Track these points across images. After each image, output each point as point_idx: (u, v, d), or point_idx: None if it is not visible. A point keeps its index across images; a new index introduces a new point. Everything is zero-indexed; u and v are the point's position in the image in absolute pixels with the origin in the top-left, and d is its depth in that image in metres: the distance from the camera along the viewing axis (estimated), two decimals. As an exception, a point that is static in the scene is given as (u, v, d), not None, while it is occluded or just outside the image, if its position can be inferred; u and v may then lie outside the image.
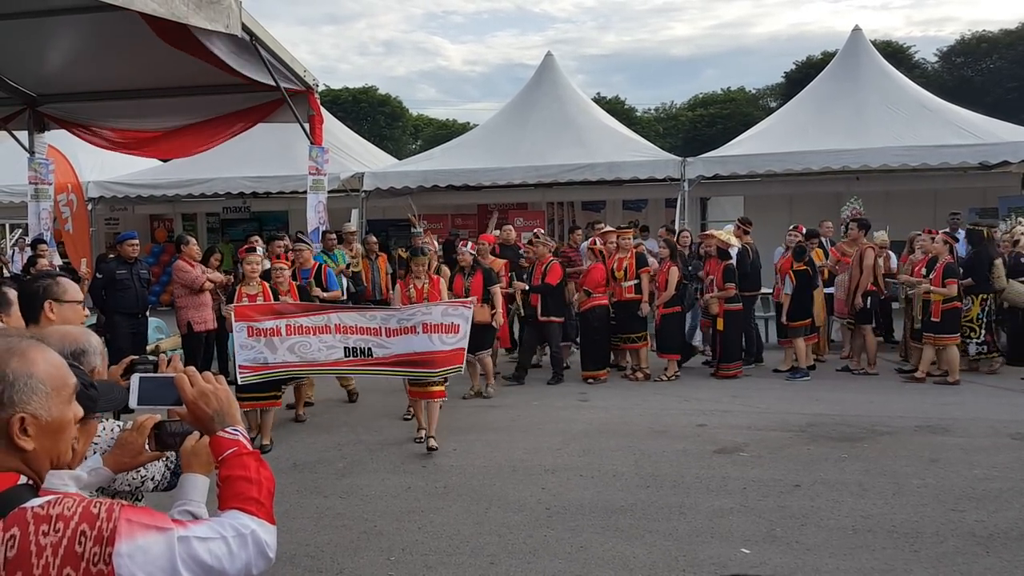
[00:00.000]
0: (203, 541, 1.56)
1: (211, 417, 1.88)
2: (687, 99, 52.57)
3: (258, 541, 1.67)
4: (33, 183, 11.82)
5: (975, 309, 10.04)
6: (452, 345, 7.12)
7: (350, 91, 48.66)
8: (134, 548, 1.45)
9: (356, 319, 7.24)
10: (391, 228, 17.48)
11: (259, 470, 1.81)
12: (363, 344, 7.19)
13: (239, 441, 1.85)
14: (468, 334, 7.20)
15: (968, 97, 25.72)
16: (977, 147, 12.73)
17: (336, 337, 7.18)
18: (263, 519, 1.72)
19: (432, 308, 7.28)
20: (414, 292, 7.78)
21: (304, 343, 7.15)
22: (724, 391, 9.48)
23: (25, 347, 1.55)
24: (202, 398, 1.89)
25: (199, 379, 1.92)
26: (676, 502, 5.84)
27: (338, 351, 7.19)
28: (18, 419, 1.50)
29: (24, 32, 9.10)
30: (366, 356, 7.19)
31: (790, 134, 14.10)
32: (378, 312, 7.40)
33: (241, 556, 1.62)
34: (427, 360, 7.10)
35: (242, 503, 1.72)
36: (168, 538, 1.51)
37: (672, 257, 10.42)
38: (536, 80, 16.70)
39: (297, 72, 9.90)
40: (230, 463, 1.81)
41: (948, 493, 5.89)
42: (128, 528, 1.46)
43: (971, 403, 8.66)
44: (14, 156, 12.44)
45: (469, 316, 7.23)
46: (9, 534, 1.39)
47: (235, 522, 1.66)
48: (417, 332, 7.11)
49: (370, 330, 7.19)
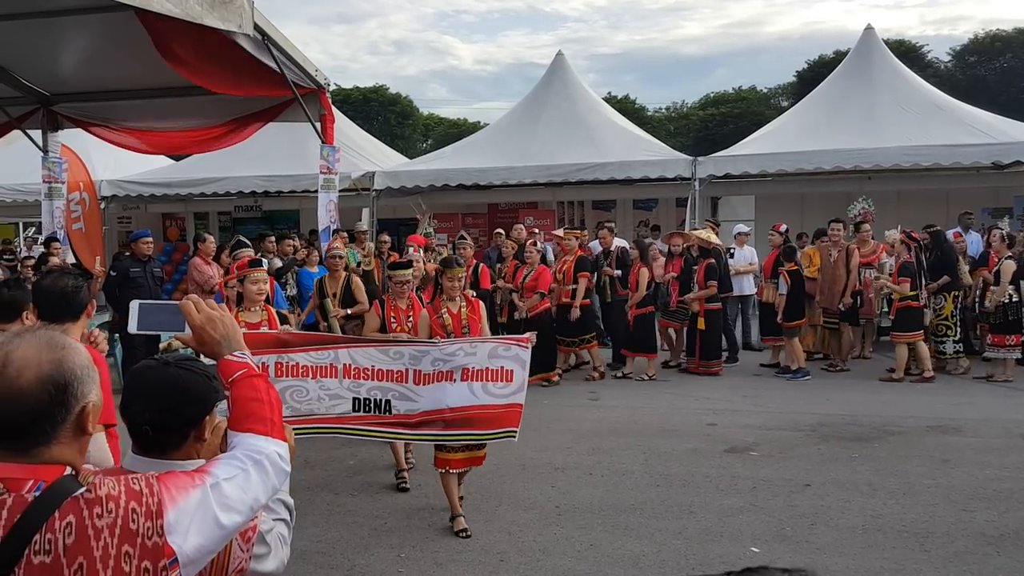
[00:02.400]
0: (229, 480, 1.64)
1: (218, 341, 1.93)
2: (698, 98, 52.48)
3: (275, 461, 1.75)
4: (47, 182, 11.89)
5: (948, 307, 10.16)
6: (504, 398, 5.30)
7: (361, 90, 48.73)
8: (180, 513, 1.52)
9: (373, 357, 5.27)
10: (401, 227, 17.51)
11: (268, 391, 1.88)
12: (379, 394, 5.26)
13: (247, 363, 1.91)
14: (526, 384, 5.36)
15: (981, 96, 25.60)
16: (990, 146, 12.64)
17: (344, 383, 5.24)
18: (275, 437, 1.80)
19: (478, 346, 5.33)
20: (448, 319, 5.69)
21: (299, 388, 5.16)
22: (734, 391, 9.48)
23: (63, 340, 1.59)
24: (209, 323, 1.94)
25: (204, 305, 1.96)
26: (686, 501, 5.85)
27: (344, 403, 5.25)
28: (90, 408, 1.56)
29: (38, 31, 9.16)
30: (382, 411, 5.29)
31: (801, 133, 14.05)
32: (406, 347, 5.33)
33: (263, 480, 1.71)
34: (467, 419, 5.28)
35: (254, 424, 1.79)
36: (204, 491, 1.58)
37: (642, 258, 10.45)
38: (547, 79, 16.69)
39: (308, 72, 9.93)
40: (240, 385, 1.87)
41: (959, 493, 5.88)
42: (170, 496, 1.52)
43: (983, 403, 8.63)
44: (28, 155, 12.52)
45: (527, 360, 5.36)
46: (65, 522, 1.42)
47: (250, 449, 1.73)
48: (455, 380, 5.24)
49: (393, 374, 5.25)
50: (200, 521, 1.55)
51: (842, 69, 15.74)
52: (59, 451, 1.51)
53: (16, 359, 1.49)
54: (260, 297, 5.67)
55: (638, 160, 14.07)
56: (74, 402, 1.52)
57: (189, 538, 1.52)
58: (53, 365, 1.51)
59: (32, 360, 1.50)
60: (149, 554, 1.46)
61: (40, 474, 1.47)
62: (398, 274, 6.43)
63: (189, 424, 1.78)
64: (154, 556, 1.47)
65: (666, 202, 17.29)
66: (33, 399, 1.48)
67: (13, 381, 1.48)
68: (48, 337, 1.57)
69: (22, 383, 1.48)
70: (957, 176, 14.26)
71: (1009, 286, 9.67)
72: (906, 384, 9.70)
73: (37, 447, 1.49)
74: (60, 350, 1.54)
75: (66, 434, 1.52)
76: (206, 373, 1.84)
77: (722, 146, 16.17)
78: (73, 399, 1.52)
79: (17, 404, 1.47)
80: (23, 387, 1.48)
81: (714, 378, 10.27)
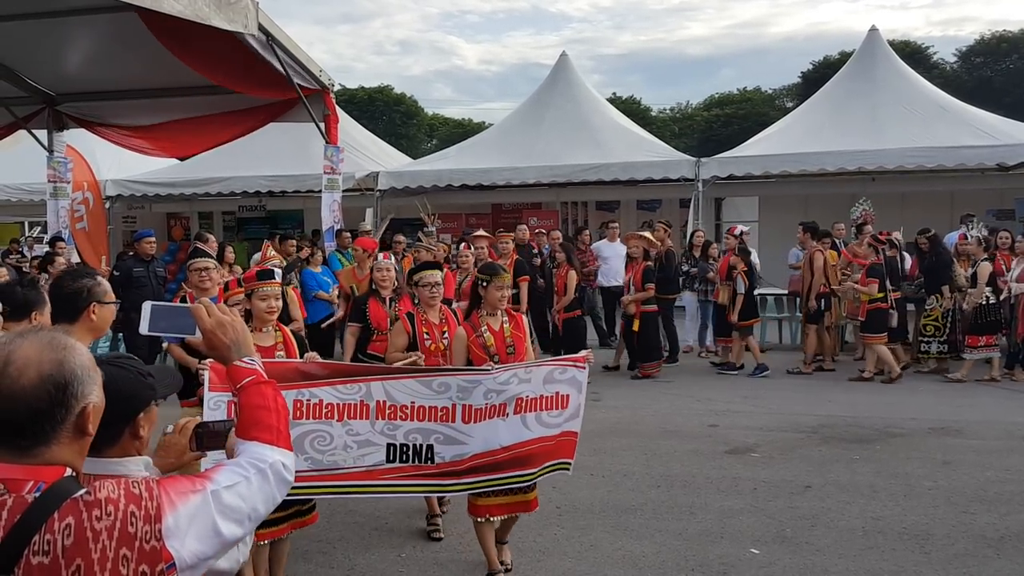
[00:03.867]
0: (230, 488, 1.65)
1: (228, 346, 1.94)
2: (703, 99, 52.45)
3: (278, 471, 1.76)
4: (52, 181, 11.95)
5: (938, 310, 10.24)
6: (558, 427, 4.56)
7: (366, 90, 48.78)
8: (179, 518, 1.53)
9: (413, 391, 4.26)
10: (406, 227, 17.54)
11: (276, 399, 1.89)
12: (420, 438, 4.27)
13: (256, 370, 1.92)
14: (582, 410, 4.65)
15: (987, 98, 25.54)
16: (994, 148, 12.65)
17: (377, 426, 4.20)
18: (281, 446, 1.81)
19: (533, 371, 4.50)
20: (491, 339, 4.74)
21: (321, 435, 4.10)
22: (736, 392, 9.48)
23: (64, 340, 1.59)
24: (220, 328, 1.95)
25: (215, 309, 1.98)
26: (686, 502, 5.86)
27: (376, 451, 4.21)
28: (90, 409, 1.56)
29: (43, 32, 9.21)
30: (423, 460, 4.28)
31: (805, 135, 14.06)
32: (453, 377, 4.32)
33: (265, 490, 1.71)
34: (520, 458, 4.43)
35: (260, 432, 1.80)
36: (204, 497, 1.59)
37: (568, 260, 10.25)
38: (551, 80, 16.72)
39: (313, 72, 9.97)
40: (248, 391, 1.88)
41: (960, 495, 5.88)
42: (170, 500, 1.53)
43: (984, 406, 8.62)
44: (33, 155, 12.57)
45: (584, 382, 4.64)
46: (64, 523, 1.43)
47: (254, 458, 1.74)
48: (507, 414, 4.39)
49: (437, 412, 4.28)
50: (199, 527, 1.56)
51: (847, 70, 15.75)
52: (59, 452, 1.52)
53: (17, 358, 1.50)
54: (272, 316, 4.52)
55: (642, 161, 14.10)
56: (74, 402, 1.52)
57: (187, 543, 1.53)
58: (54, 365, 1.51)
59: (33, 359, 1.50)
60: (147, 558, 1.47)
61: (40, 475, 1.48)
62: (427, 276, 5.25)
63: (121, 421, 1.75)
64: (152, 560, 1.48)
65: (670, 203, 17.30)
66: (33, 398, 1.48)
67: (14, 380, 1.48)
68: (50, 337, 1.57)
69: (23, 382, 1.48)
70: (961, 178, 14.27)
71: (986, 288, 9.78)
72: (907, 386, 9.69)
73: (37, 447, 1.50)
74: (62, 350, 1.54)
75: (66, 435, 1.52)
76: (139, 371, 1.82)
77: (727, 147, 16.18)
78: (73, 399, 1.52)
79: (17, 403, 1.47)
80: (24, 386, 1.48)
81: (716, 379, 10.27)
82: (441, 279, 5.34)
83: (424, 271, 5.30)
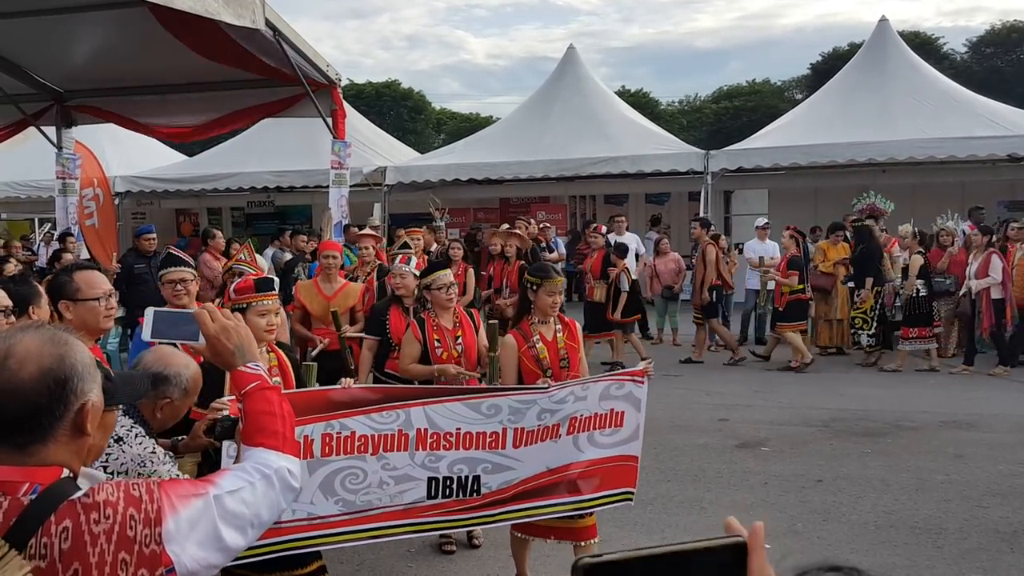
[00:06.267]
0: (233, 494, 1.62)
1: (232, 352, 1.92)
2: (711, 92, 52.25)
3: (283, 477, 1.73)
4: (61, 178, 11.96)
5: (869, 302, 10.40)
6: (613, 448, 4.07)
7: (373, 85, 48.75)
8: (179, 521, 1.50)
9: (459, 415, 3.75)
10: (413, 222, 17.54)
11: (281, 404, 1.86)
12: (466, 468, 3.76)
13: (260, 376, 1.90)
14: (641, 430, 4.12)
15: (998, 88, 25.35)
16: (1006, 139, 12.54)
17: (417, 458, 3.68)
18: (287, 452, 1.78)
19: (590, 387, 4.01)
20: (544, 350, 4.31)
21: (353, 472, 3.55)
22: (747, 386, 9.44)
23: (65, 336, 1.57)
24: (223, 333, 1.93)
25: (219, 315, 1.95)
26: (696, 496, 5.84)
27: (416, 487, 3.68)
28: (89, 407, 1.54)
29: (52, 28, 9.21)
30: (468, 493, 3.77)
31: (815, 126, 13.98)
32: (505, 398, 3.83)
33: (269, 496, 1.69)
34: (568, 482, 3.99)
35: (265, 438, 1.77)
36: (206, 502, 1.56)
37: (465, 258, 9.58)
38: (559, 73, 16.67)
39: (320, 67, 9.94)
40: (253, 397, 1.85)
41: (972, 489, 5.84)
42: (171, 504, 1.51)
43: (997, 399, 8.57)
44: (42, 152, 12.60)
45: (642, 399, 4.10)
46: (62, 526, 1.41)
47: (259, 464, 1.72)
48: (559, 436, 3.92)
49: (485, 438, 3.79)
50: (201, 532, 1.53)
51: (856, 61, 15.65)
52: (55, 450, 1.49)
53: (18, 352, 1.48)
54: (271, 335, 3.82)
55: (650, 154, 14.05)
56: (73, 399, 1.50)
57: (188, 548, 1.50)
58: (54, 359, 1.49)
59: (34, 353, 1.48)
60: (146, 562, 1.45)
61: (36, 476, 1.45)
62: (440, 277, 4.84)
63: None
64: (151, 564, 1.45)
65: (679, 196, 17.26)
66: (33, 392, 1.46)
67: (14, 373, 1.46)
68: (51, 332, 1.56)
69: (22, 375, 1.46)
70: (972, 169, 14.17)
71: (918, 281, 9.96)
72: (918, 380, 9.65)
73: (33, 444, 1.47)
74: (62, 345, 1.53)
75: (64, 433, 1.50)
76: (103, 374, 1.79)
77: (736, 140, 16.11)
78: (72, 395, 1.50)
79: (16, 397, 1.45)
80: (23, 379, 1.46)
81: (726, 373, 10.23)
82: (452, 279, 4.92)
83: (436, 272, 4.91)
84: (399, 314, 5.45)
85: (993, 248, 10.00)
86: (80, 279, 3.23)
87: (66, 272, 3.28)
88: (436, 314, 4.85)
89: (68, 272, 3.27)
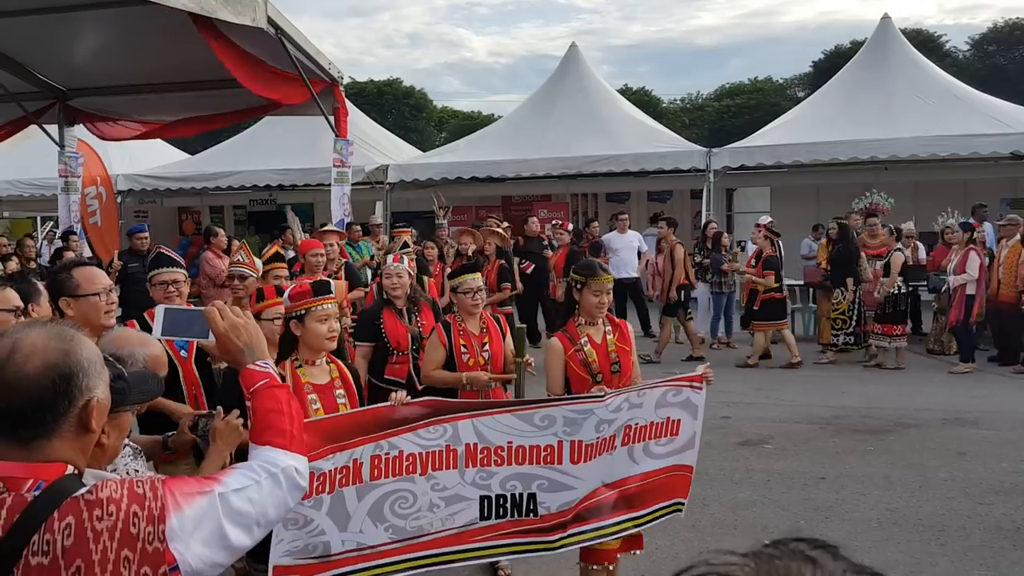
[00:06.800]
0: (239, 492, 1.61)
1: (241, 350, 1.92)
2: (714, 89, 52.15)
3: (290, 476, 1.72)
4: (63, 176, 11.99)
5: (845, 302, 10.44)
6: (668, 457, 3.86)
7: (375, 83, 48.69)
8: (183, 519, 1.50)
9: (510, 428, 3.48)
10: (415, 220, 17.55)
11: (289, 403, 1.85)
12: (519, 485, 3.50)
13: (269, 374, 1.89)
14: (698, 438, 4.00)
15: (1000, 86, 25.28)
16: (1008, 136, 12.52)
17: (468, 475, 3.42)
18: (294, 451, 1.77)
19: (646, 393, 3.75)
20: (593, 354, 3.98)
21: (403, 495, 3.30)
22: (749, 383, 9.44)
23: (72, 332, 1.57)
24: (233, 331, 1.93)
25: (229, 313, 1.95)
26: (699, 494, 5.82)
27: (468, 507, 3.43)
28: (94, 404, 1.54)
29: (54, 27, 9.22)
30: (524, 513, 3.52)
31: (817, 124, 13.96)
32: (558, 408, 3.55)
33: (276, 495, 1.68)
34: (626, 497, 3.72)
35: (272, 436, 1.77)
36: (211, 499, 1.55)
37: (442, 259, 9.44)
38: (560, 71, 16.66)
39: (322, 65, 9.95)
40: (261, 395, 1.85)
41: (975, 486, 5.84)
42: (175, 502, 1.50)
43: (1000, 396, 8.56)
44: (45, 150, 12.61)
45: (700, 404, 4.00)
46: (64, 523, 1.40)
47: (266, 462, 1.71)
48: (615, 447, 3.66)
49: (539, 452, 3.51)
50: (205, 530, 1.52)
51: (859, 59, 15.63)
52: (60, 447, 1.49)
53: (24, 346, 1.48)
54: (332, 343, 3.54)
55: (652, 152, 14.03)
56: (78, 394, 1.50)
57: (192, 546, 1.49)
58: (60, 354, 1.50)
59: (40, 348, 1.49)
60: (149, 560, 1.44)
61: (40, 473, 1.45)
62: (468, 281, 4.63)
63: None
64: (154, 562, 1.45)
65: (681, 194, 17.24)
66: (38, 387, 1.46)
67: (19, 367, 1.46)
68: (59, 328, 1.56)
69: (28, 369, 1.46)
70: (975, 167, 14.15)
71: (898, 278, 9.98)
72: (921, 377, 9.64)
73: (37, 439, 1.47)
74: (69, 341, 1.53)
75: (68, 428, 1.50)
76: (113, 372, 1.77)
77: (737, 137, 16.09)
78: (78, 391, 1.50)
79: (21, 391, 1.45)
80: (28, 374, 1.46)
81: (729, 370, 10.22)
82: (481, 283, 4.70)
83: (464, 275, 4.68)
84: (393, 317, 5.23)
85: (973, 245, 10.08)
86: (79, 275, 3.23)
87: (65, 269, 3.29)
88: (462, 319, 4.64)
89: (67, 269, 3.28)
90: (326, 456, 3.05)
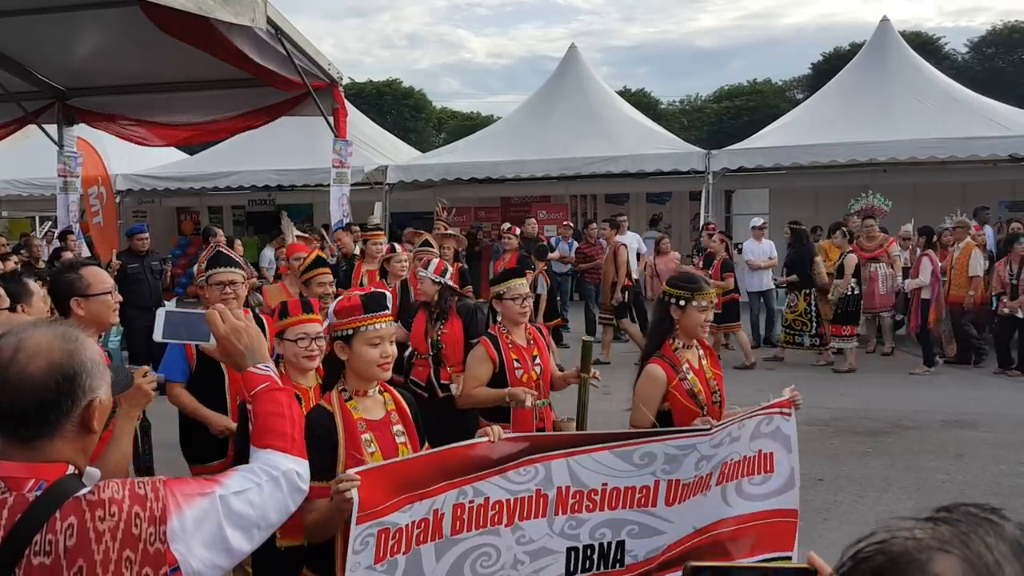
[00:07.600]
0: (240, 494, 1.61)
1: (242, 353, 1.92)
2: (713, 91, 52.22)
3: (291, 479, 1.72)
4: (62, 176, 11.97)
5: (800, 304, 10.59)
6: (765, 500, 3.52)
7: (374, 84, 48.71)
8: (185, 521, 1.50)
9: (607, 467, 3.07)
10: (415, 221, 17.53)
11: (291, 406, 1.85)
12: (610, 533, 3.11)
13: (270, 377, 1.89)
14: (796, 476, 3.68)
15: (999, 88, 25.32)
16: (1007, 139, 12.52)
17: (556, 524, 3.01)
18: (295, 454, 1.77)
19: (745, 424, 3.42)
20: (696, 383, 3.52)
21: (486, 551, 2.86)
22: (748, 385, 9.42)
23: (75, 332, 1.58)
24: (234, 334, 1.93)
25: (230, 315, 1.95)
26: (697, 495, 5.83)
27: (555, 560, 3.02)
28: (96, 404, 1.54)
29: (53, 26, 9.21)
30: (610, 564, 3.12)
31: (816, 126, 13.97)
32: (659, 443, 3.15)
33: (277, 497, 1.68)
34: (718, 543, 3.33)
35: (273, 439, 1.76)
36: (212, 501, 1.56)
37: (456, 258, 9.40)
38: (560, 72, 16.66)
39: (321, 66, 9.95)
40: (262, 398, 1.85)
41: (973, 489, 5.84)
42: (176, 503, 1.50)
43: (998, 398, 8.57)
44: (44, 150, 12.60)
45: (792, 436, 3.68)
46: (67, 523, 1.40)
47: (267, 465, 1.71)
48: (710, 487, 3.29)
49: (634, 494, 3.12)
50: (206, 531, 1.52)
51: (858, 61, 15.64)
52: (61, 447, 1.50)
53: (28, 346, 1.49)
54: (386, 371, 2.81)
55: (651, 153, 14.04)
56: (81, 395, 1.51)
57: (193, 547, 1.49)
58: (64, 355, 1.50)
59: (44, 348, 1.49)
60: (150, 560, 1.44)
61: (42, 473, 1.46)
62: (515, 286, 4.16)
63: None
64: (155, 563, 1.45)
65: (680, 196, 17.26)
66: (41, 387, 1.46)
67: (23, 367, 1.47)
68: (63, 329, 1.57)
69: (31, 369, 1.47)
70: (974, 169, 14.17)
71: (852, 279, 10.09)
72: (920, 379, 9.65)
73: (39, 439, 1.48)
74: (72, 341, 1.53)
75: (70, 429, 1.50)
76: None
77: (737, 139, 16.10)
78: (80, 391, 1.50)
79: (25, 391, 1.46)
80: (32, 373, 1.47)
81: (728, 373, 10.14)
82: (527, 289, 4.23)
83: (511, 280, 4.18)
84: (423, 321, 5.03)
85: (927, 251, 10.23)
86: (88, 275, 3.24)
87: (72, 269, 3.28)
88: (507, 330, 4.18)
89: (75, 269, 3.27)
90: (402, 507, 2.56)
